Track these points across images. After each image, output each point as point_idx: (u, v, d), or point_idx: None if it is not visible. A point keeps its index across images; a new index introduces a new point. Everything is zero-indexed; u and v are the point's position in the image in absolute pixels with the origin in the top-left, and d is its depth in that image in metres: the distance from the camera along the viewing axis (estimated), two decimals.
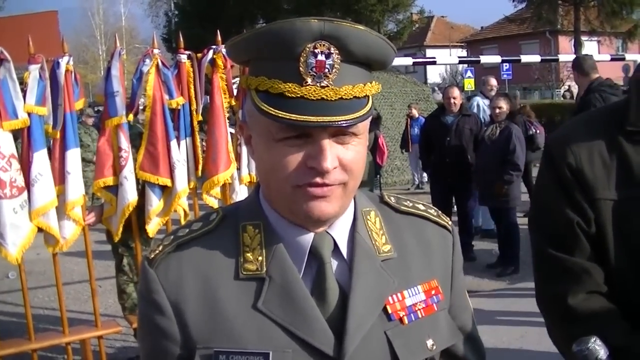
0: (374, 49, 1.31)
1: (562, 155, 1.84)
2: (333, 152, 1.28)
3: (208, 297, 1.35)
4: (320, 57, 1.25)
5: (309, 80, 1.26)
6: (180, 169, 5.21)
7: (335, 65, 1.27)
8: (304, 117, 1.24)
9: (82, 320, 6.70)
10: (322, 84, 1.26)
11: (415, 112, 15.26)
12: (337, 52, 1.26)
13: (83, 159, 5.32)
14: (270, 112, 1.25)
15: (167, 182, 5.17)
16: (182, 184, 5.23)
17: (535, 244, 1.95)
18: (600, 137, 1.84)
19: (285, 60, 1.26)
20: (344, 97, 1.27)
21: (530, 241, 1.97)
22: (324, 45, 1.25)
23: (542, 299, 1.95)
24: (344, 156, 1.30)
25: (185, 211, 5.39)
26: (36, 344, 5.04)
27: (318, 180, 1.29)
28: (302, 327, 1.32)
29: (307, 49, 1.25)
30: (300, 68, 1.25)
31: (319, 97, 1.25)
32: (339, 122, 1.25)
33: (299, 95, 1.25)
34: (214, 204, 5.53)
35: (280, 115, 1.24)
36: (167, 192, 5.25)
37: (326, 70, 1.26)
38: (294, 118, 1.24)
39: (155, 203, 5.21)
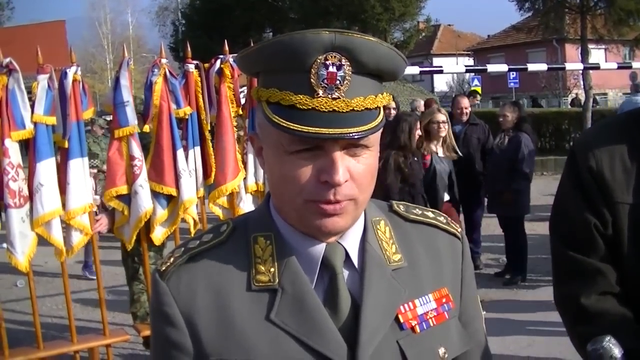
0: (385, 60, 1.31)
1: (584, 158, 1.88)
2: (344, 165, 1.28)
3: (220, 309, 1.34)
4: (332, 69, 1.25)
5: (320, 92, 1.25)
6: (186, 179, 5.22)
7: (347, 77, 1.26)
8: (316, 129, 1.23)
9: (90, 328, 6.71)
10: (334, 96, 1.26)
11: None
12: (348, 63, 1.26)
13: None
14: (282, 124, 1.25)
15: (172, 191, 5.18)
16: (189, 193, 5.24)
17: (553, 244, 1.98)
18: (622, 142, 1.87)
19: (296, 72, 1.26)
20: (355, 108, 1.27)
21: (549, 242, 2.00)
22: (335, 56, 1.25)
23: (558, 299, 1.98)
24: (354, 169, 1.30)
25: (195, 220, 5.40)
26: (44, 352, 5.05)
27: (330, 197, 1.28)
28: (315, 338, 1.31)
29: (319, 61, 1.25)
30: (312, 80, 1.25)
31: (331, 109, 1.25)
32: (351, 134, 1.25)
33: (310, 107, 1.25)
34: (220, 213, 5.54)
35: (292, 127, 1.24)
36: (173, 201, 5.27)
37: (337, 82, 1.25)
38: (306, 130, 1.23)
39: (160, 212, 5.23)
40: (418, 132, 7.17)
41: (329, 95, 1.26)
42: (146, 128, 5.18)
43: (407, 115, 7.71)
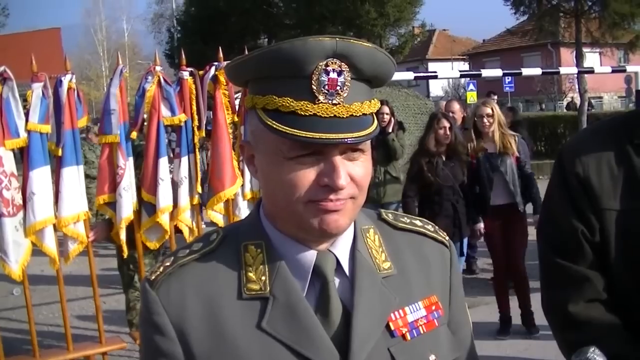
0: (381, 66, 1.33)
1: (571, 164, 1.88)
2: (344, 169, 1.29)
3: (211, 318, 1.34)
4: (332, 75, 1.26)
5: (321, 98, 1.26)
6: (163, 187, 5.20)
7: (347, 83, 1.28)
8: (320, 134, 1.24)
9: (87, 336, 6.69)
10: (334, 102, 1.27)
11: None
12: (347, 69, 1.27)
13: (87, 176, 5.37)
14: (285, 130, 1.25)
15: (151, 199, 5.18)
16: (166, 201, 5.21)
17: (541, 250, 1.98)
18: (610, 147, 1.87)
19: (296, 79, 1.27)
20: (354, 114, 1.28)
21: (537, 248, 2.00)
22: (335, 63, 1.26)
23: (546, 306, 1.98)
24: (354, 172, 1.31)
25: (190, 228, 5.39)
26: None
27: (331, 197, 1.29)
28: (307, 346, 1.31)
29: (320, 67, 1.26)
30: (313, 86, 1.26)
31: (332, 115, 1.26)
32: (353, 139, 1.26)
33: (311, 113, 1.26)
34: (219, 220, 5.53)
35: (295, 133, 1.25)
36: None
37: (338, 87, 1.27)
38: (310, 136, 1.24)
39: (144, 219, 5.24)
40: (444, 132, 6.77)
41: (330, 101, 1.27)
42: (133, 135, 5.17)
43: (433, 115, 7.40)
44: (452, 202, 6.84)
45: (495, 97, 14.03)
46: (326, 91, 1.26)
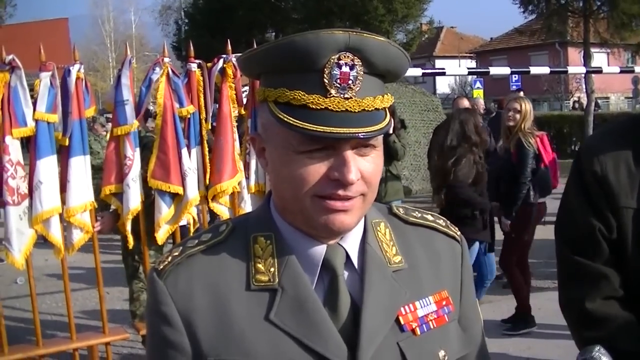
0: (394, 61, 1.32)
1: (589, 163, 1.89)
2: (355, 164, 1.28)
3: (219, 309, 1.33)
4: (345, 69, 1.25)
5: (333, 92, 1.25)
6: (191, 177, 5.23)
7: (359, 77, 1.27)
8: (331, 128, 1.23)
9: (90, 326, 6.72)
10: (346, 96, 1.26)
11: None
12: (360, 63, 1.26)
13: (93, 166, 5.35)
14: (296, 124, 1.24)
15: (178, 189, 5.17)
16: (193, 192, 5.24)
17: (558, 248, 2.00)
18: (627, 147, 1.89)
19: (308, 72, 1.26)
20: (366, 108, 1.27)
21: (555, 245, 2.02)
22: (348, 56, 1.25)
23: (563, 303, 1.99)
24: (364, 168, 1.30)
25: (194, 219, 5.40)
26: (44, 349, 5.05)
27: (340, 192, 1.28)
28: (315, 339, 1.30)
29: (332, 61, 1.25)
30: (325, 79, 1.25)
31: (343, 109, 1.25)
32: (364, 134, 1.25)
33: (323, 107, 1.25)
34: (223, 213, 5.53)
35: (306, 127, 1.24)
36: (177, 200, 5.26)
37: (350, 81, 1.26)
38: (321, 130, 1.23)
39: (165, 211, 5.22)
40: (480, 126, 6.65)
41: (342, 95, 1.26)
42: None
43: (459, 112, 7.25)
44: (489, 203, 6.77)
45: (521, 93, 13.89)
46: (338, 85, 1.25)
